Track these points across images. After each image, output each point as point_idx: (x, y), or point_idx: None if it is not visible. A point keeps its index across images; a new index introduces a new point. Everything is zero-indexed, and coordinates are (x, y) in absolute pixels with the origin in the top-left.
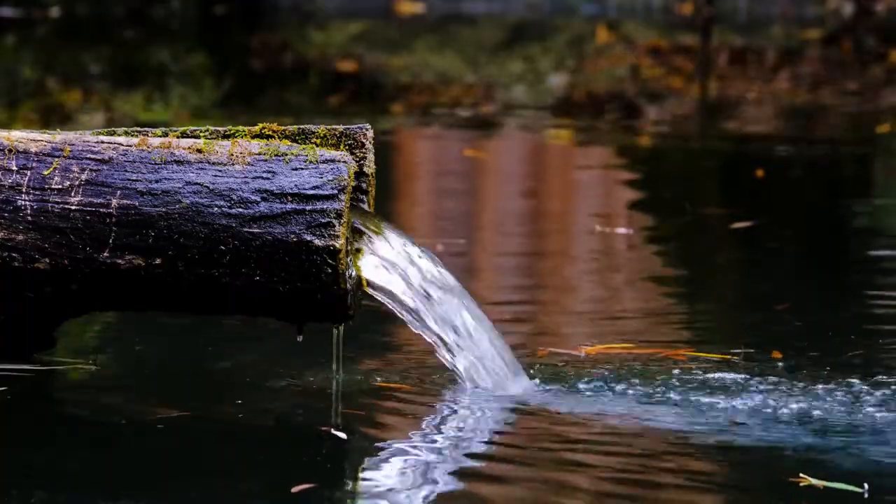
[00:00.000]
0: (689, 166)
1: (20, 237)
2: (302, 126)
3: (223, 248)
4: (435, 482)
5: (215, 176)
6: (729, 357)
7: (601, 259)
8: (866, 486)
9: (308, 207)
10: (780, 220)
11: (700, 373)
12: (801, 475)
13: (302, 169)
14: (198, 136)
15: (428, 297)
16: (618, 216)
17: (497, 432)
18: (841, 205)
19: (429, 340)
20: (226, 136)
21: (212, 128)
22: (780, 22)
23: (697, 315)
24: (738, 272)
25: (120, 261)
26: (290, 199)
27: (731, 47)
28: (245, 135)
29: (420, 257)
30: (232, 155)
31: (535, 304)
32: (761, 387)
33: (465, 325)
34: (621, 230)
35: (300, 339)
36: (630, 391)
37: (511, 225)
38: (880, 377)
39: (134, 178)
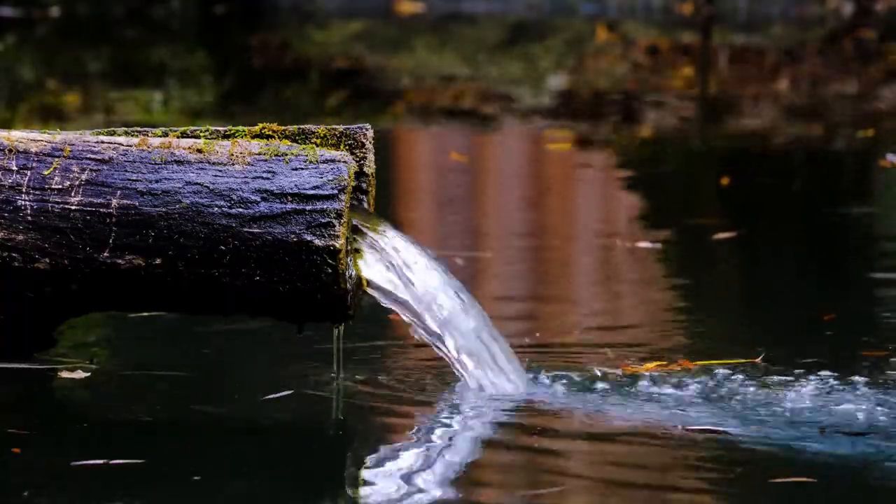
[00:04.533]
0: (691, 168)
1: (20, 237)
2: (302, 126)
3: (223, 248)
4: (436, 482)
5: (215, 176)
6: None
7: (613, 270)
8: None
9: (308, 207)
10: (788, 226)
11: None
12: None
13: (302, 169)
14: (198, 136)
15: (428, 296)
16: (622, 224)
17: (498, 433)
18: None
19: (429, 340)
20: (226, 136)
21: (212, 128)
22: (780, 21)
23: (725, 325)
24: (764, 280)
25: (120, 261)
26: (290, 199)
27: (731, 47)
28: (245, 135)
29: (420, 257)
30: (232, 155)
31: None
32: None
33: (466, 324)
34: (644, 244)
35: (300, 335)
36: (629, 390)
37: (517, 235)
38: None
39: (134, 178)
